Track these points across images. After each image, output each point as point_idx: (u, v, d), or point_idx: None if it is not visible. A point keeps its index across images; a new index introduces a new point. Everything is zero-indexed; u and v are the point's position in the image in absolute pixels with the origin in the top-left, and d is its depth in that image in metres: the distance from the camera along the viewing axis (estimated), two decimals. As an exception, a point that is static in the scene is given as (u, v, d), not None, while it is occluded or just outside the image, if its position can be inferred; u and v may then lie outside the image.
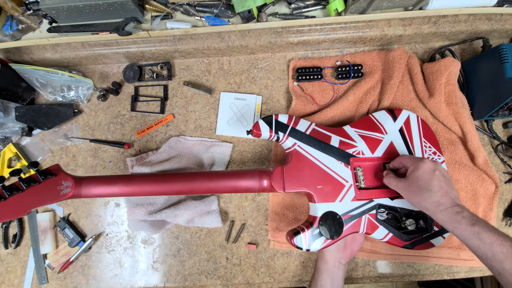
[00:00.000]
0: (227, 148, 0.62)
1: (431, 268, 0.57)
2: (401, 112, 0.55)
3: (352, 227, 0.48)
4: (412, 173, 0.44)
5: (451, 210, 0.40)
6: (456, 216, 0.39)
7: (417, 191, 0.43)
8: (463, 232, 0.38)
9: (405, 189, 0.44)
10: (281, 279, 0.59)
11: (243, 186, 0.49)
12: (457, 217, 0.39)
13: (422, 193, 0.42)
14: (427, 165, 0.43)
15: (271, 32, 0.59)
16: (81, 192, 0.48)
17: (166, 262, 0.60)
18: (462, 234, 0.38)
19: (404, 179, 0.45)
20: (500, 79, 0.52)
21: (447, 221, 0.40)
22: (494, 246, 0.36)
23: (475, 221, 0.38)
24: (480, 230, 0.37)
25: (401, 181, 0.45)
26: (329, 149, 0.51)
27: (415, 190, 0.43)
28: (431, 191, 0.41)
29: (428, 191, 0.42)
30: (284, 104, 0.64)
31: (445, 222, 0.40)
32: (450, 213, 0.40)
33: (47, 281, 0.61)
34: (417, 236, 0.49)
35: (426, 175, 0.43)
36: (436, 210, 0.41)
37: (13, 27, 0.58)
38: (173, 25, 0.56)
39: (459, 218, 0.39)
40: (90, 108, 0.67)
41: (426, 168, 0.43)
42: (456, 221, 0.39)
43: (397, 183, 0.46)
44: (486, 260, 0.37)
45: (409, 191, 0.44)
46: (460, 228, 0.38)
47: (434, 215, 0.41)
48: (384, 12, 0.55)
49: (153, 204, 0.56)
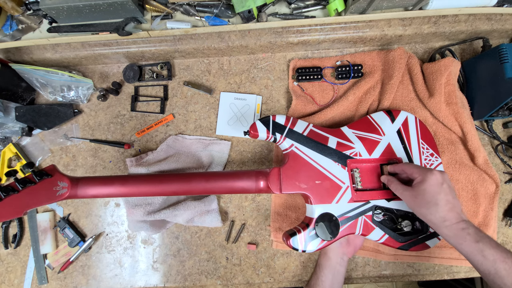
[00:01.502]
0: (225, 146, 0.62)
1: (431, 268, 0.57)
2: (399, 113, 0.55)
3: (348, 229, 0.48)
4: (419, 185, 0.43)
5: (456, 227, 0.40)
6: (461, 232, 0.39)
7: (423, 204, 0.42)
8: (467, 249, 0.39)
9: (411, 199, 0.44)
10: (281, 279, 0.59)
11: (239, 186, 0.49)
12: (462, 234, 0.39)
13: (429, 207, 0.41)
14: (435, 178, 0.42)
15: (271, 32, 0.59)
16: (77, 192, 0.48)
17: (166, 262, 0.60)
18: (466, 250, 0.39)
19: (410, 188, 0.44)
20: (500, 79, 0.52)
21: (452, 236, 0.40)
22: (497, 263, 0.36)
23: (479, 237, 0.38)
24: (484, 247, 0.37)
25: (408, 190, 0.44)
26: (326, 150, 0.51)
27: (421, 202, 0.42)
28: (438, 206, 0.41)
29: (434, 205, 0.41)
30: (284, 104, 0.64)
31: (449, 237, 0.40)
32: (455, 229, 0.40)
33: (47, 281, 0.61)
34: (413, 238, 0.49)
35: (434, 188, 0.41)
36: (442, 225, 0.41)
37: (13, 27, 0.58)
38: (173, 25, 0.56)
39: (464, 234, 0.39)
40: (90, 108, 0.67)
41: (434, 181, 0.42)
42: (461, 237, 0.39)
43: (404, 191, 0.45)
44: (488, 276, 0.37)
45: (415, 202, 0.43)
46: (465, 244, 0.39)
47: (439, 229, 0.41)
48: (384, 12, 0.55)
49: (152, 204, 0.56)
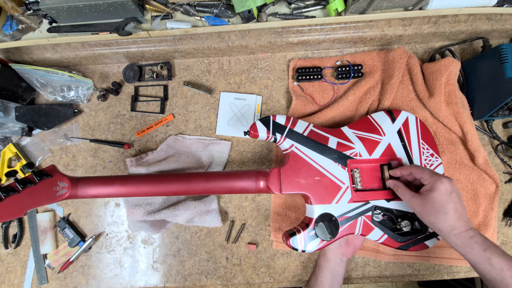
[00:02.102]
0: (225, 146, 0.62)
1: (431, 268, 0.57)
2: (400, 113, 0.55)
3: (348, 229, 0.48)
4: (429, 193, 0.42)
5: (465, 235, 0.40)
6: (469, 241, 0.39)
7: (432, 212, 0.42)
8: (475, 257, 0.39)
9: (419, 207, 0.43)
10: (281, 279, 0.59)
11: (239, 187, 0.49)
12: (470, 242, 0.39)
13: (437, 215, 0.41)
14: (444, 187, 0.41)
15: (271, 32, 0.59)
16: (77, 192, 0.48)
17: (166, 262, 0.60)
18: (474, 258, 0.39)
19: (418, 195, 0.44)
20: (500, 79, 0.52)
21: (460, 245, 0.40)
22: (503, 271, 0.37)
23: (486, 246, 0.39)
24: (491, 256, 0.38)
25: (416, 198, 0.44)
26: (326, 150, 0.51)
27: (430, 210, 0.42)
28: (447, 215, 0.41)
29: (443, 214, 0.41)
30: (284, 104, 0.64)
31: (457, 245, 0.41)
32: (464, 238, 0.40)
33: (47, 281, 0.61)
34: (412, 238, 0.49)
35: (443, 197, 0.41)
36: (450, 233, 0.41)
37: (13, 27, 0.58)
38: (173, 25, 0.56)
39: (472, 243, 0.39)
40: (90, 108, 0.67)
41: (443, 190, 0.41)
42: (468, 246, 0.39)
43: (411, 197, 0.44)
44: (494, 283, 0.38)
45: (423, 210, 0.43)
46: (473, 253, 0.39)
47: (447, 237, 0.41)
48: (384, 12, 0.55)
49: (152, 204, 0.56)
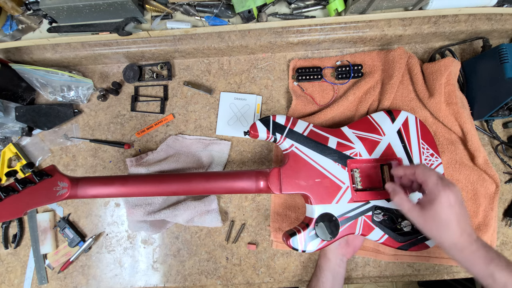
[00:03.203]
0: (225, 146, 0.62)
1: (431, 268, 0.57)
2: (400, 113, 0.55)
3: (348, 229, 0.48)
4: (430, 205, 0.40)
5: (467, 251, 0.39)
6: (471, 256, 0.39)
7: (433, 225, 0.40)
8: (478, 272, 0.39)
9: (419, 219, 0.41)
10: (281, 279, 0.59)
11: (239, 187, 0.49)
12: (472, 257, 0.39)
13: (438, 229, 0.40)
14: (447, 199, 0.39)
15: (271, 32, 0.59)
16: (77, 192, 0.48)
17: (166, 262, 0.60)
18: (477, 273, 0.39)
19: (418, 207, 0.41)
20: (500, 79, 0.52)
21: (462, 260, 0.40)
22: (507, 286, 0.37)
23: (490, 259, 0.38)
24: (494, 270, 0.37)
25: (416, 209, 0.41)
26: (326, 150, 0.51)
27: (431, 224, 0.40)
28: (449, 229, 0.39)
29: (446, 228, 0.39)
30: (284, 104, 0.64)
31: (459, 260, 0.40)
32: (466, 254, 0.39)
33: (47, 281, 0.61)
34: (412, 238, 0.49)
35: (446, 210, 0.39)
36: (453, 248, 0.40)
37: (13, 27, 0.58)
38: (173, 25, 0.56)
39: (474, 258, 0.39)
40: (90, 108, 0.67)
41: (446, 203, 0.39)
42: (470, 261, 0.39)
43: (410, 207, 0.42)
44: None
45: (424, 222, 0.41)
46: (475, 268, 0.39)
47: (448, 252, 0.41)
48: (384, 12, 0.55)
49: (151, 204, 0.56)
